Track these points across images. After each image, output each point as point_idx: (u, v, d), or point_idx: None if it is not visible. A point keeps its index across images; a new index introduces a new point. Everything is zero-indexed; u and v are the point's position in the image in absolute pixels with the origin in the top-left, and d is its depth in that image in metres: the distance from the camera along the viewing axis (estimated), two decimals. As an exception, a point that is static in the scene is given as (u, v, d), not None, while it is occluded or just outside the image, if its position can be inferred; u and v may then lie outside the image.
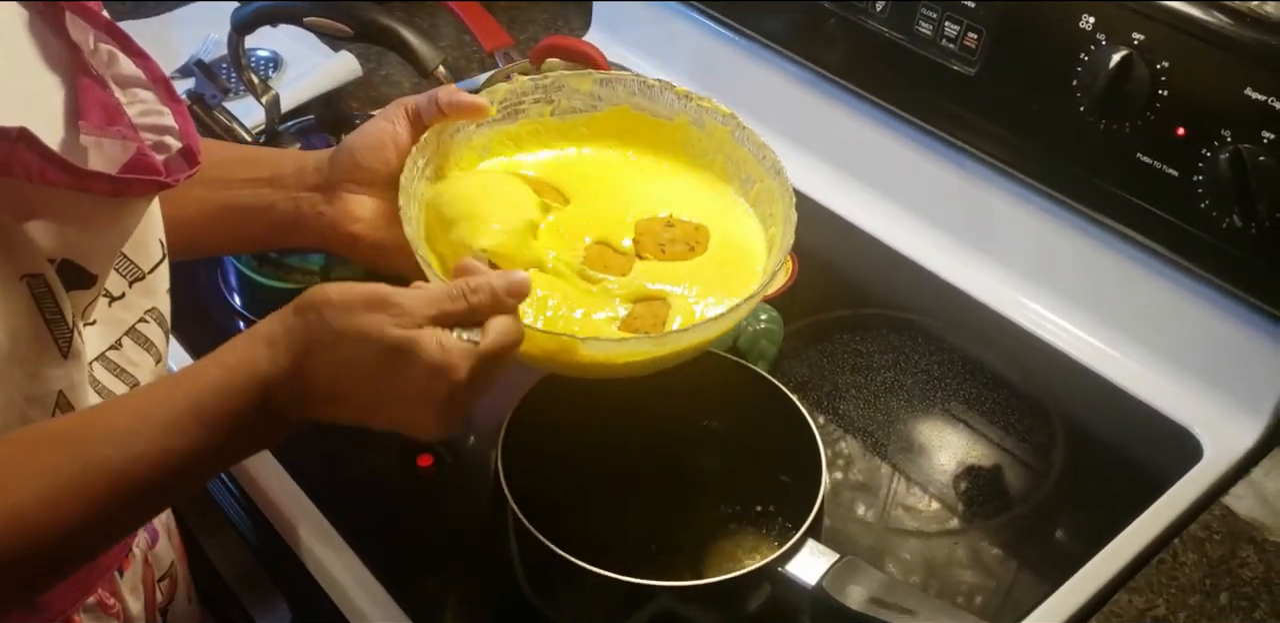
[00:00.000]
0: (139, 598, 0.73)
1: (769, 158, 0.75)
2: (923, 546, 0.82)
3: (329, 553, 0.80)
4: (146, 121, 0.60)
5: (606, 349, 0.66)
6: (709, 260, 0.75)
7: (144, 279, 0.63)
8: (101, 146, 0.55)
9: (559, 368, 0.70)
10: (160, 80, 0.61)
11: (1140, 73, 0.83)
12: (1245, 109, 0.78)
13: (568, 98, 0.78)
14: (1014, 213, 0.99)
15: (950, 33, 0.95)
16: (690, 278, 0.73)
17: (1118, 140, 0.86)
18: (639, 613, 0.69)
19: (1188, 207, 0.84)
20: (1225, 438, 0.89)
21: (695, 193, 0.79)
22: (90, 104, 0.56)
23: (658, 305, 0.71)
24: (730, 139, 0.78)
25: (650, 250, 0.75)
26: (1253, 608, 0.78)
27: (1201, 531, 0.83)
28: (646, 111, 0.79)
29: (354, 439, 0.89)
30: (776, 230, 0.74)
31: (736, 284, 0.72)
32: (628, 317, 0.71)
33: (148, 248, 0.63)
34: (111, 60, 0.60)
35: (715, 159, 0.79)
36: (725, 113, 0.77)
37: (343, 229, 0.71)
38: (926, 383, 0.94)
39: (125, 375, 0.63)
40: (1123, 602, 0.79)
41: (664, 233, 0.76)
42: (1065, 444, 0.90)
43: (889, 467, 0.88)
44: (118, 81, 0.60)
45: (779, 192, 0.74)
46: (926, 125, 1.02)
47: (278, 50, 1.26)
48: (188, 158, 0.60)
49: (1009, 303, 1.01)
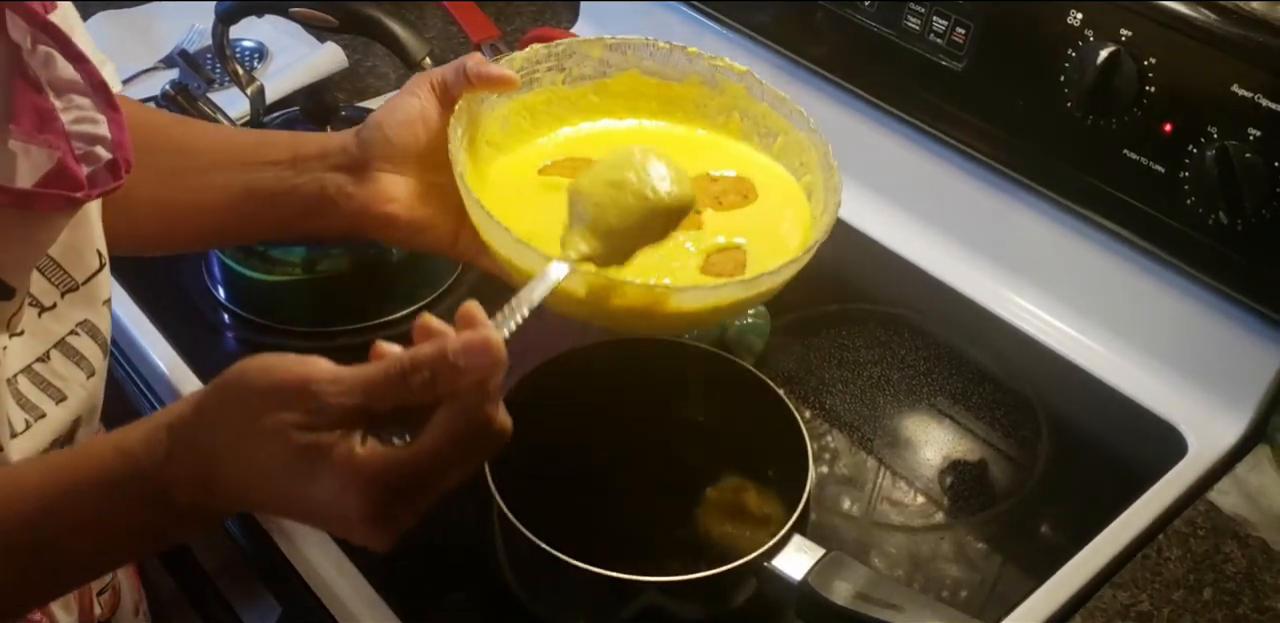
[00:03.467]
0: (71, 613, 0.70)
1: (794, 109, 0.76)
2: (908, 540, 0.82)
3: (315, 551, 0.80)
4: (79, 130, 0.57)
5: (700, 298, 0.65)
6: (765, 205, 0.76)
7: (77, 290, 0.61)
8: (29, 153, 0.53)
9: (639, 323, 0.69)
10: (99, 86, 0.58)
11: (1128, 69, 0.83)
12: (1232, 106, 0.78)
13: (578, 65, 0.78)
14: (1001, 208, 0.99)
15: (938, 27, 0.94)
16: (756, 223, 0.74)
17: (1105, 136, 0.86)
18: (625, 608, 0.69)
19: (1174, 203, 0.84)
20: (1210, 434, 0.89)
21: (720, 150, 0.80)
22: (23, 108, 0.54)
23: (734, 253, 0.72)
24: (746, 95, 0.78)
25: (709, 204, 0.75)
26: (1236, 603, 0.79)
27: (1186, 526, 0.84)
28: (656, 75, 0.79)
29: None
30: (811, 178, 0.75)
31: (797, 227, 0.74)
32: (706, 265, 0.71)
33: (82, 257, 0.61)
34: (49, 62, 0.57)
35: (730, 118, 0.80)
36: (740, 70, 0.77)
37: (376, 210, 0.69)
38: (913, 378, 0.94)
39: (52, 389, 0.61)
40: (1107, 597, 0.79)
41: (712, 187, 0.76)
42: (1050, 439, 0.90)
43: (875, 461, 0.88)
44: (54, 86, 0.57)
45: (808, 141, 0.75)
46: (914, 120, 1.02)
47: (263, 41, 1.25)
48: (114, 171, 0.56)
49: (995, 298, 1.01)
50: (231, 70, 0.96)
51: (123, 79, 1.10)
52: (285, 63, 1.22)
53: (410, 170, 0.70)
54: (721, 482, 0.78)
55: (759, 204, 0.76)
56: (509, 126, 0.77)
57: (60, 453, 0.58)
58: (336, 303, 0.96)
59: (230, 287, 0.97)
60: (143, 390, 0.97)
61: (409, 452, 0.49)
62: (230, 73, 0.96)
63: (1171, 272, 0.90)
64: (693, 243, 0.72)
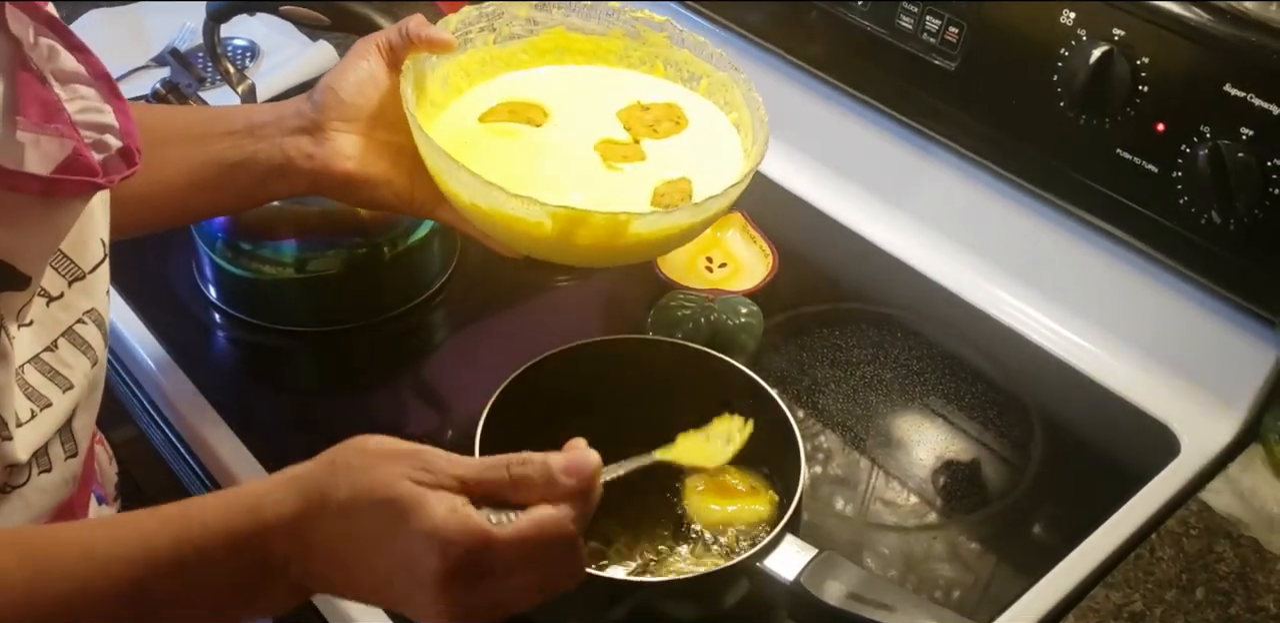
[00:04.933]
0: None
1: (714, 53, 0.80)
2: (901, 540, 0.82)
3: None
4: (86, 119, 0.58)
5: (655, 223, 0.69)
6: (698, 133, 0.80)
7: (84, 279, 0.62)
8: (39, 144, 0.54)
9: (597, 255, 0.72)
10: (102, 77, 0.60)
11: (1120, 69, 0.83)
12: (1224, 105, 0.78)
13: (508, 24, 0.81)
14: (994, 208, 0.99)
15: (931, 27, 0.94)
16: (694, 154, 0.78)
17: (1098, 136, 0.86)
18: (616, 608, 0.69)
19: (1167, 202, 0.84)
20: (1202, 434, 0.89)
21: (648, 84, 0.83)
22: (29, 100, 0.55)
23: (680, 183, 0.75)
24: (668, 43, 0.81)
25: (644, 133, 0.79)
26: (1229, 603, 0.79)
27: (1178, 526, 0.84)
28: (580, 31, 0.82)
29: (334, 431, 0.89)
30: (740, 114, 0.79)
31: (730, 155, 0.78)
32: (655, 196, 0.74)
33: (88, 247, 0.62)
34: (52, 55, 0.58)
35: (654, 66, 0.84)
36: (660, 20, 0.81)
37: (336, 168, 0.72)
38: (906, 377, 0.94)
39: (59, 378, 0.61)
40: (1100, 597, 0.79)
41: (645, 115, 0.80)
42: (1043, 439, 0.90)
43: (868, 461, 0.88)
44: (58, 77, 0.58)
45: (731, 79, 0.79)
46: (907, 120, 1.02)
47: (255, 39, 1.25)
48: (126, 158, 0.58)
49: (988, 298, 1.01)
50: (223, 69, 0.95)
51: (114, 77, 1.09)
52: (277, 61, 1.22)
53: (363, 129, 0.73)
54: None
55: (692, 131, 0.80)
56: (448, 86, 0.80)
57: (163, 508, 0.56)
58: (327, 302, 0.96)
59: (221, 286, 0.97)
60: (133, 390, 0.97)
61: (498, 529, 0.51)
62: (221, 71, 0.95)
63: (1164, 271, 0.90)
64: (639, 177, 0.76)
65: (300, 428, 0.91)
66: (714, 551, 0.74)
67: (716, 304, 0.93)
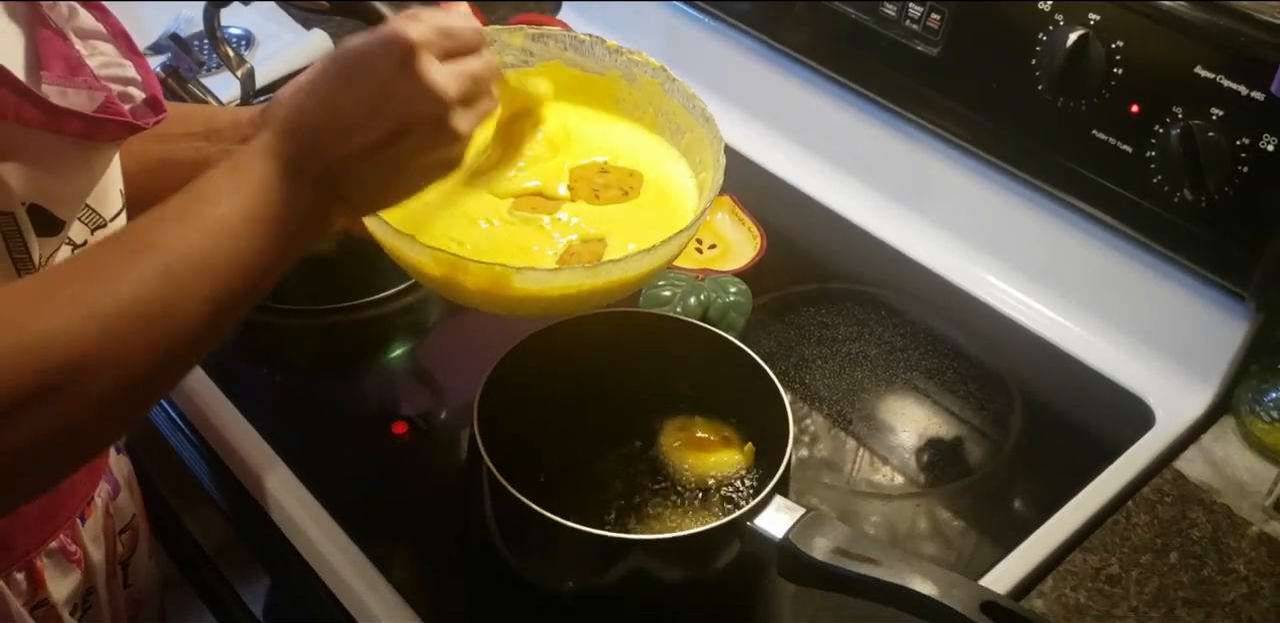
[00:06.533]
0: (100, 548, 0.74)
1: (698, 107, 0.77)
2: (887, 509, 0.84)
3: (306, 519, 0.82)
4: (109, 73, 0.60)
5: (541, 280, 0.67)
6: (643, 204, 0.77)
7: (105, 227, 0.63)
8: (66, 95, 0.55)
9: (492, 303, 0.70)
10: (120, 34, 0.61)
11: (1096, 52, 0.85)
12: (1195, 87, 0.81)
13: (500, 52, 0.79)
14: (974, 189, 1.02)
15: (914, 13, 0.97)
16: (626, 220, 0.75)
17: (1074, 117, 0.89)
18: (612, 568, 0.71)
19: (1141, 181, 0.87)
20: (1176, 406, 0.92)
21: (630, 140, 0.81)
22: (51, 55, 0.56)
23: (595, 244, 0.74)
24: (660, 91, 0.79)
25: (584, 195, 0.77)
26: (1201, 566, 0.81)
27: (1153, 493, 0.86)
28: (578, 67, 0.81)
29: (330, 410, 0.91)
30: (706, 176, 0.76)
31: (669, 226, 0.73)
32: (564, 254, 0.73)
33: (109, 196, 0.64)
34: (72, 14, 0.60)
35: (646, 112, 0.82)
36: (655, 66, 0.79)
37: None
38: (890, 354, 0.97)
39: None
40: (1077, 561, 0.81)
41: (598, 178, 0.78)
42: (1023, 412, 0.92)
43: (852, 435, 0.90)
44: (78, 34, 0.60)
45: (708, 138, 0.76)
46: (891, 104, 1.04)
47: (250, 28, 1.27)
48: (153, 107, 0.60)
49: (969, 277, 1.03)
50: (223, 53, 0.97)
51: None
52: (272, 50, 1.24)
53: None
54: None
55: (638, 202, 0.77)
56: None
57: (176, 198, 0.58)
58: (325, 282, 0.98)
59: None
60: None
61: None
62: (221, 55, 0.97)
63: (1138, 248, 0.93)
64: (557, 231, 0.74)
65: (293, 405, 0.93)
66: (698, 507, 0.76)
67: (706, 283, 0.96)
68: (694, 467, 0.78)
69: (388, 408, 0.92)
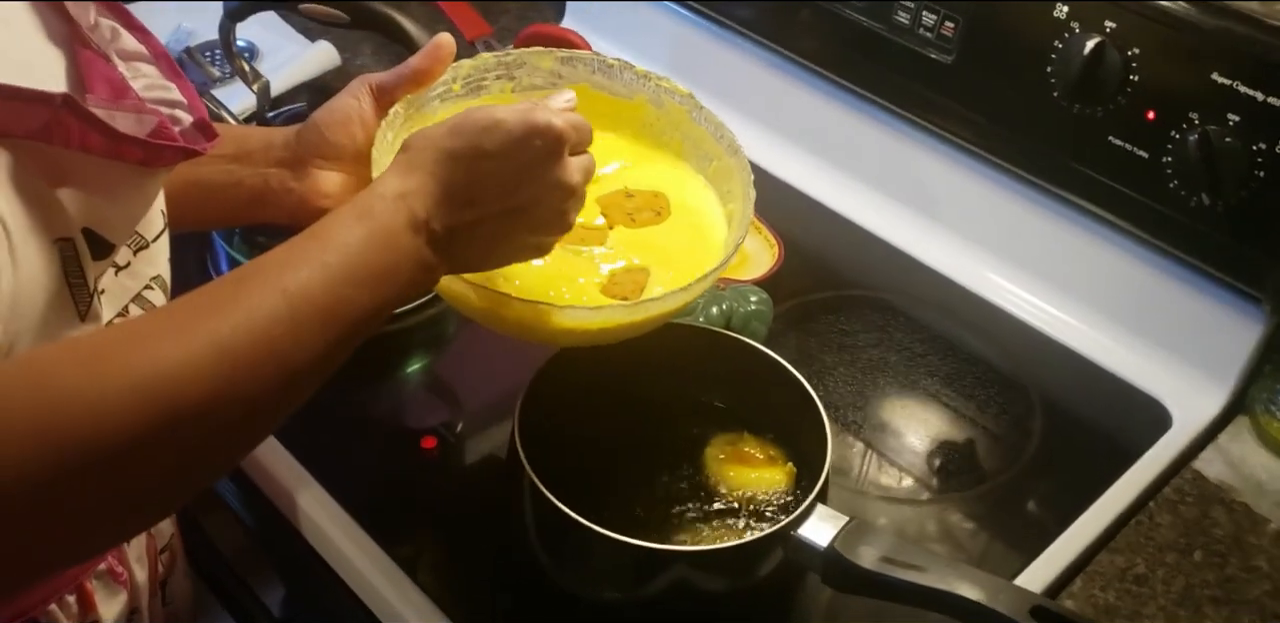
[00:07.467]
0: (144, 568, 0.74)
1: (726, 136, 0.77)
2: (915, 514, 0.85)
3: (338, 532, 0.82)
4: (153, 96, 0.59)
5: (582, 317, 0.68)
6: (677, 225, 0.78)
7: (148, 247, 0.63)
8: (114, 119, 0.55)
9: (532, 335, 0.71)
10: (162, 56, 0.61)
11: (1112, 59, 0.87)
12: (1212, 93, 0.82)
13: (529, 75, 0.79)
14: (991, 196, 1.03)
15: (928, 21, 0.98)
16: (664, 247, 0.76)
17: (1091, 124, 0.90)
18: (655, 580, 0.71)
19: (1158, 187, 0.88)
20: (1193, 407, 0.93)
21: (652, 165, 0.81)
22: (95, 78, 0.56)
23: (638, 273, 0.74)
24: (688, 118, 0.80)
25: (620, 220, 0.78)
26: (1225, 564, 0.83)
27: (1174, 494, 0.88)
28: (605, 90, 0.80)
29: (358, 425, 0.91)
30: (735, 206, 0.76)
31: (703, 254, 0.75)
32: (608, 282, 0.73)
33: (153, 218, 0.63)
34: (115, 36, 0.60)
35: (673, 138, 0.82)
36: (683, 93, 0.79)
37: (312, 204, 0.72)
38: (909, 360, 0.98)
39: None
40: (1104, 562, 0.83)
41: (627, 203, 0.79)
42: (1042, 417, 0.94)
43: (876, 442, 0.91)
44: (120, 56, 0.59)
45: (736, 168, 0.76)
46: (905, 113, 1.05)
47: (253, 40, 1.26)
48: (203, 130, 0.60)
49: (985, 282, 1.04)
50: (238, 67, 0.97)
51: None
52: (276, 62, 1.23)
53: (346, 168, 0.73)
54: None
55: (673, 223, 0.78)
56: None
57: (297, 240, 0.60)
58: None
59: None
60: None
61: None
62: (237, 69, 0.97)
63: (1155, 253, 0.94)
64: (601, 260, 0.75)
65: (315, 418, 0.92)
66: (740, 521, 0.77)
67: (728, 293, 0.96)
68: (734, 480, 0.78)
69: (416, 422, 0.92)
